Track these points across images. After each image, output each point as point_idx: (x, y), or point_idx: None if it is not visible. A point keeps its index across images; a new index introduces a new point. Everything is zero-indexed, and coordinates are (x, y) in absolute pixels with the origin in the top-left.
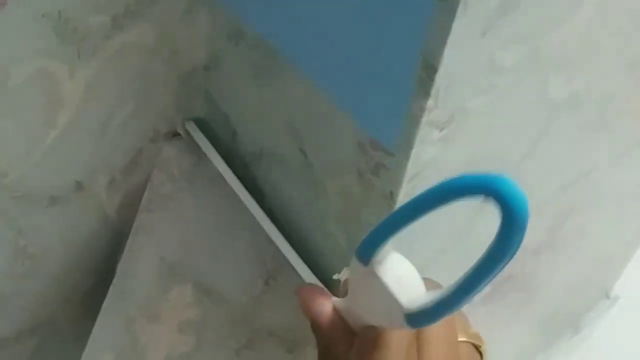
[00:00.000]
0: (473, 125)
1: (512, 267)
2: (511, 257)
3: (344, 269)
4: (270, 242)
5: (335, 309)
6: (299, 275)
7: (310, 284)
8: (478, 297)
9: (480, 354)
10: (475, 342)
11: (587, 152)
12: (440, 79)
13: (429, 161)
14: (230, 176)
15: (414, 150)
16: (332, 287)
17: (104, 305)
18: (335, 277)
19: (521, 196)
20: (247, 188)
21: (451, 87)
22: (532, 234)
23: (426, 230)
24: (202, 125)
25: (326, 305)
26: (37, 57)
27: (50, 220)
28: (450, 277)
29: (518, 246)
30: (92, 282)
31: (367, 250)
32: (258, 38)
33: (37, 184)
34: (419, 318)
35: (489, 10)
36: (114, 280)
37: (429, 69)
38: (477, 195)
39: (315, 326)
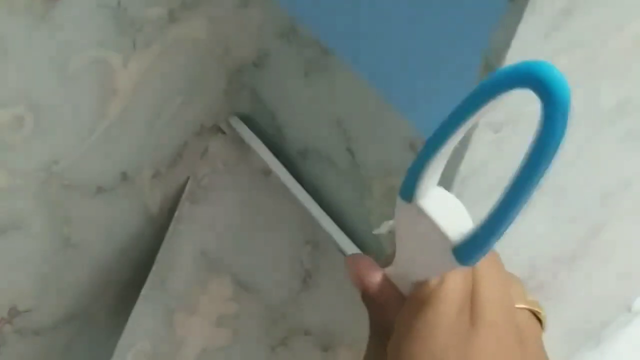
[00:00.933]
0: (526, 129)
1: (546, 275)
2: (557, 150)
3: (384, 223)
4: (317, 229)
5: (385, 278)
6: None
7: (360, 255)
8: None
9: (540, 321)
10: (534, 309)
11: (627, 163)
12: None
13: (481, 163)
14: (278, 167)
15: (468, 152)
16: None
17: (142, 292)
18: (375, 231)
19: (560, 77)
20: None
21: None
22: (568, 243)
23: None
24: (247, 121)
25: (376, 274)
26: (95, 47)
27: (95, 210)
28: None
29: (563, 135)
30: (130, 275)
31: (409, 185)
32: (310, 36)
33: (86, 173)
34: (468, 249)
35: (555, 10)
36: (153, 268)
37: (492, 70)
38: (514, 86)
39: (367, 296)
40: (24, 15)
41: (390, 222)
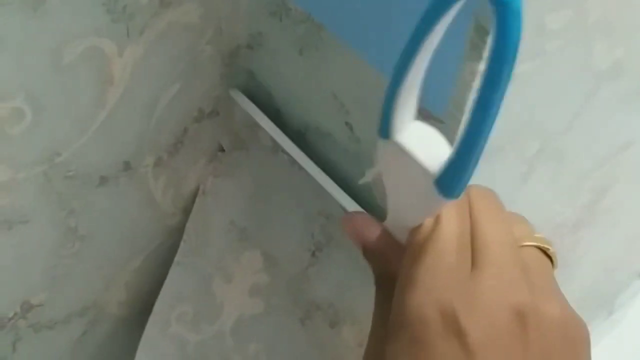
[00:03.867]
0: (520, 92)
1: (552, 243)
2: (515, 55)
3: (369, 170)
4: (327, 198)
5: (383, 230)
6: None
7: (355, 211)
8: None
9: (549, 257)
10: (542, 245)
11: (627, 124)
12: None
13: None
14: (286, 142)
15: (464, 117)
16: None
17: (176, 259)
18: (361, 181)
19: None
20: (293, 163)
21: None
22: (571, 209)
23: None
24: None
25: (373, 227)
26: (89, 35)
27: (99, 201)
28: None
29: (518, 37)
30: (137, 262)
31: (385, 119)
32: (301, 13)
33: (88, 163)
34: (448, 178)
35: None
36: (184, 237)
37: (481, 32)
38: None
39: (367, 250)
40: (16, 6)
41: (375, 170)
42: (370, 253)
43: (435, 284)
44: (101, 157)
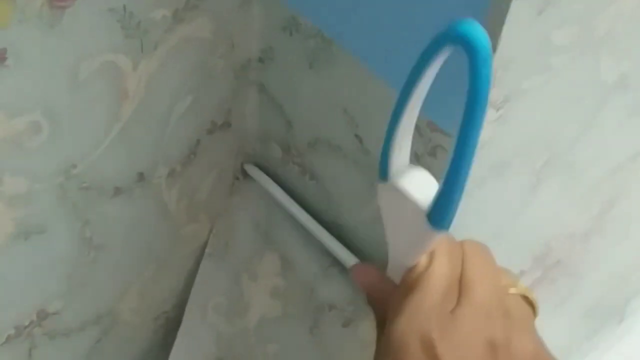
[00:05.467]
0: (528, 106)
1: (562, 252)
2: (486, 96)
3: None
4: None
5: (382, 277)
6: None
7: (360, 263)
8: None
9: (532, 305)
10: (525, 294)
11: (634, 136)
12: (498, 58)
13: (485, 141)
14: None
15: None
16: None
17: (207, 251)
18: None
19: (475, 27)
20: (303, 174)
21: (509, 67)
22: (581, 219)
23: (478, 212)
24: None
25: (373, 275)
26: (104, 52)
27: (114, 211)
28: (506, 261)
29: (489, 80)
30: (150, 272)
31: (383, 164)
32: (312, 28)
33: (103, 175)
34: (438, 211)
35: None
36: (214, 231)
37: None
38: (443, 47)
39: (369, 297)
40: (34, 24)
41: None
42: (372, 299)
43: (418, 315)
44: (116, 169)
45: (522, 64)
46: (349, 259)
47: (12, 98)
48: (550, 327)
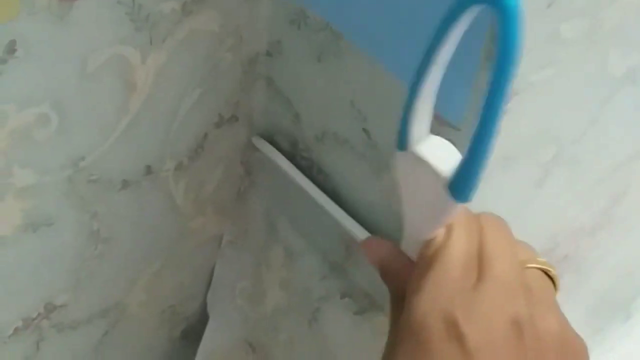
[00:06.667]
0: (536, 100)
1: (568, 247)
2: (515, 61)
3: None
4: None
5: (396, 250)
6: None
7: (371, 236)
8: None
9: (552, 279)
10: (545, 267)
11: None
12: None
13: None
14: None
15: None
16: None
17: (227, 238)
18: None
19: None
20: (311, 168)
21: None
22: (588, 213)
23: (485, 206)
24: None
25: (387, 248)
26: (113, 44)
27: (122, 204)
28: None
29: (518, 45)
30: (157, 265)
31: (402, 133)
32: (320, 21)
33: (111, 167)
34: (459, 182)
35: None
36: (231, 221)
37: (495, 40)
38: (470, 4)
39: (383, 271)
40: (43, 16)
41: (391, 183)
42: (386, 273)
43: (439, 293)
44: (123, 162)
45: (530, 56)
46: (362, 235)
47: (21, 90)
48: None
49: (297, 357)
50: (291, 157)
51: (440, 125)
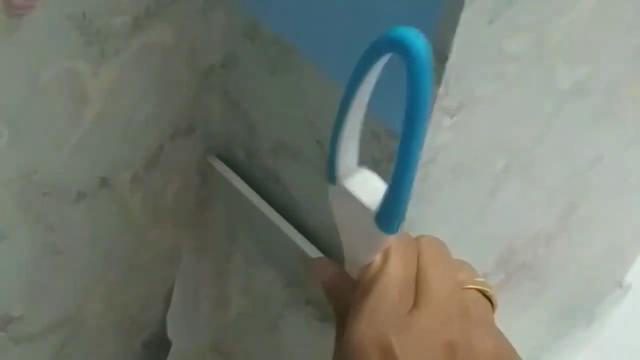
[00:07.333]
0: (483, 113)
1: (525, 255)
2: (426, 101)
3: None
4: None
5: (339, 272)
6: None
7: (318, 257)
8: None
9: (489, 299)
10: (482, 288)
11: (595, 139)
12: (450, 66)
13: (441, 147)
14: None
15: (427, 137)
16: None
17: (189, 245)
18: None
19: (417, 36)
20: (267, 179)
21: (461, 75)
22: (544, 222)
23: (438, 215)
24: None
25: (330, 270)
26: (64, 58)
27: (77, 216)
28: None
29: (429, 87)
30: (114, 277)
31: (331, 166)
32: (273, 34)
33: (65, 180)
34: (385, 213)
35: None
36: (191, 230)
37: (440, 58)
38: (385, 52)
39: (327, 290)
40: None
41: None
42: (330, 294)
43: (375, 318)
44: (78, 174)
45: (474, 72)
46: (313, 253)
47: None
48: (517, 329)
49: None
50: (248, 168)
51: (390, 139)
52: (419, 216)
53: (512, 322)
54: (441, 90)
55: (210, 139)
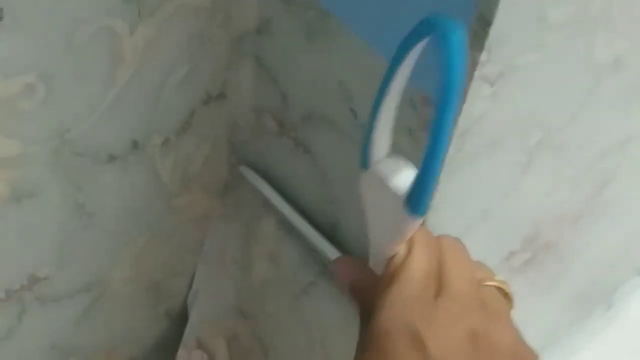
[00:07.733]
0: (521, 83)
1: (550, 235)
2: (459, 83)
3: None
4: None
5: (363, 268)
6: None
7: (340, 257)
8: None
9: (508, 297)
10: (501, 286)
11: (627, 119)
12: (493, 32)
13: (479, 116)
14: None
15: (465, 105)
16: None
17: (216, 211)
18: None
19: (452, 22)
20: (297, 148)
21: (503, 42)
22: (571, 201)
23: (469, 190)
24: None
25: (354, 267)
26: (101, 16)
27: (107, 178)
28: (495, 242)
29: (463, 68)
30: (142, 242)
31: (364, 153)
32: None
33: (97, 141)
34: (414, 197)
35: None
36: (220, 197)
37: (483, 22)
38: (423, 36)
39: (353, 288)
40: None
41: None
42: (356, 291)
43: (402, 306)
44: (110, 135)
45: (517, 40)
46: (333, 255)
47: (7, 59)
48: (537, 310)
49: (282, 330)
50: (278, 137)
51: (426, 106)
52: (450, 190)
53: (532, 305)
54: (483, 56)
55: (242, 106)
